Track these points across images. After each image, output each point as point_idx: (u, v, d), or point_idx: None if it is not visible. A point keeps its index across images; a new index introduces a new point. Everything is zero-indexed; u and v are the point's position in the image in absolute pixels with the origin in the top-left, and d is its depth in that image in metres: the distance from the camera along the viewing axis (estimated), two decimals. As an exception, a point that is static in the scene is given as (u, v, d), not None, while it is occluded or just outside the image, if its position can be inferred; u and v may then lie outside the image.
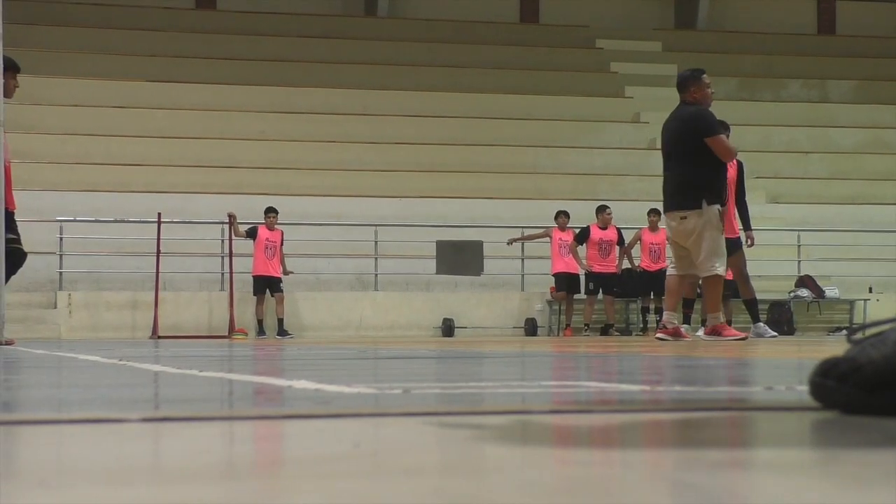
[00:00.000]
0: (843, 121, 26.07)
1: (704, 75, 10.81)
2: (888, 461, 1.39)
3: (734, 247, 12.89)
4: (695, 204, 10.29)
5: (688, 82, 10.82)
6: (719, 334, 10.52)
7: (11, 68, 10.83)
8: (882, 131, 25.77)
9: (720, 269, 10.27)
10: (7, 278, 10.77)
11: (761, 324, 13.70)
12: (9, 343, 10.65)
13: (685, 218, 10.24)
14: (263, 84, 24.50)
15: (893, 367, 1.80)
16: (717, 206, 10.31)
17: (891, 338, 1.79)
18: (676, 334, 10.48)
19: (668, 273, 10.77)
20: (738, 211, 13.21)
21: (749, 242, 13.33)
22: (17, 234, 10.81)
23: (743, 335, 10.93)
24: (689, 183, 10.35)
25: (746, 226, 13.36)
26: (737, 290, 14.37)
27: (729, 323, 18.53)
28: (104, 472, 1.36)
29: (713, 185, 10.39)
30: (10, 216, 10.76)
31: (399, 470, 1.35)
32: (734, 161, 12.89)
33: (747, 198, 13.55)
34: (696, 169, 10.36)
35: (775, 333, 14.27)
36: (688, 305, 13.83)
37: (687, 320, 13.80)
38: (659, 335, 10.67)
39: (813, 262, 21.34)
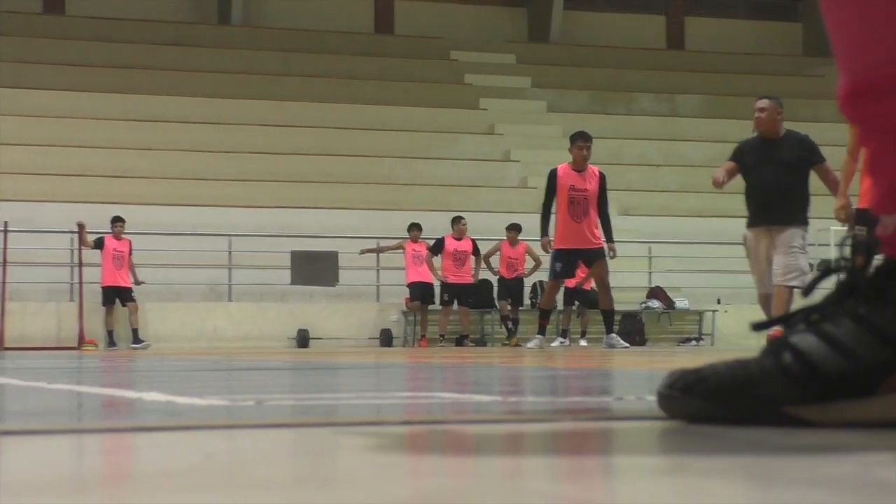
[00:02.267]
0: (693, 135, 26.60)
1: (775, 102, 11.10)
2: (730, 467, 1.42)
3: (597, 257, 13.28)
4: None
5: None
6: None
7: None
8: (730, 145, 26.24)
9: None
10: None
11: (614, 335, 13.92)
12: None
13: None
14: (114, 91, 24.13)
15: (735, 379, 1.87)
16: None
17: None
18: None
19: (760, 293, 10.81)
20: (602, 222, 13.57)
21: (611, 254, 13.66)
22: None
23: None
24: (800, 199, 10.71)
25: (609, 237, 13.70)
26: (595, 300, 14.66)
27: (583, 334, 18.94)
28: (-55, 488, 1.32)
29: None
30: None
31: (251, 483, 1.34)
32: (596, 173, 13.37)
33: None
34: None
35: (627, 345, 14.55)
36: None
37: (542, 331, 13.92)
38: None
39: (663, 273, 21.73)
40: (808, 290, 1.93)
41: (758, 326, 1.96)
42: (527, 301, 20.05)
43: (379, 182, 23.10)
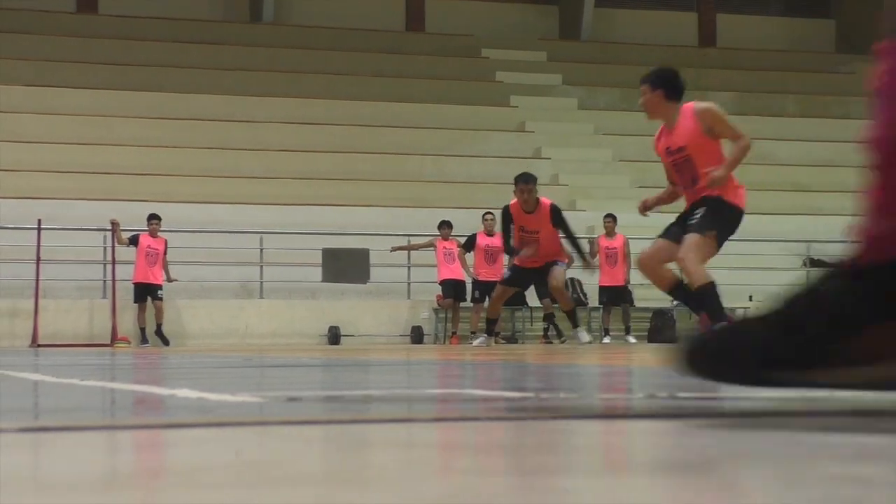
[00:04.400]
0: (724, 132, 26.48)
1: None
2: (763, 465, 1.41)
3: (552, 265, 13.63)
4: None
5: None
6: None
7: None
8: (761, 143, 26.20)
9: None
10: None
11: (580, 328, 14.45)
12: None
13: None
14: (146, 89, 24.23)
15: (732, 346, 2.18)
16: None
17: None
18: None
19: None
20: (570, 243, 14.04)
21: (566, 263, 14.34)
22: None
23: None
24: None
25: (579, 254, 14.40)
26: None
27: (628, 330, 19.01)
28: (-20, 483, 1.33)
29: None
30: None
31: (282, 479, 1.34)
32: (546, 209, 13.53)
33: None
34: None
35: (590, 339, 14.87)
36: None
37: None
38: None
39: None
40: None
41: None
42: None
43: (409, 179, 23.11)
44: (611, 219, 19.63)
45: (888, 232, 2.06)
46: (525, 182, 13.35)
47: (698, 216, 9.32)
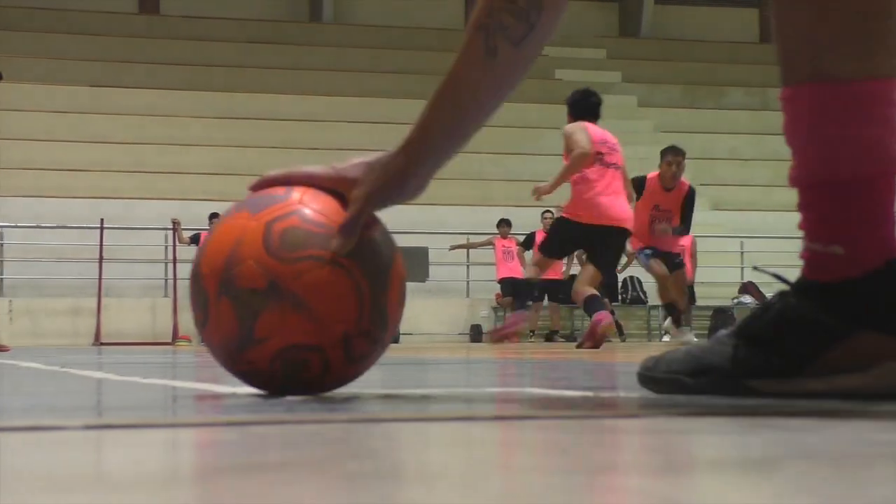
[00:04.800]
0: (785, 128, 26.31)
1: None
2: (825, 464, 1.40)
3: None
4: None
5: None
6: None
7: None
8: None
9: None
10: None
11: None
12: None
13: None
14: (207, 89, 24.41)
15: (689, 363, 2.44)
16: None
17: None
18: None
19: None
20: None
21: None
22: None
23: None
24: None
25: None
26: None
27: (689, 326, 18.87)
28: (45, 479, 1.34)
29: None
30: None
31: (342, 476, 1.35)
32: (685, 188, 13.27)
33: None
34: None
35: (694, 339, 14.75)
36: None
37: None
38: None
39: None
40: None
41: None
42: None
43: (470, 178, 23.12)
44: None
45: (828, 258, 2.38)
46: (675, 154, 12.64)
47: None
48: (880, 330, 2.31)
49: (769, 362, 2.33)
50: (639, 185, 12.47)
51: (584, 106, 11.23)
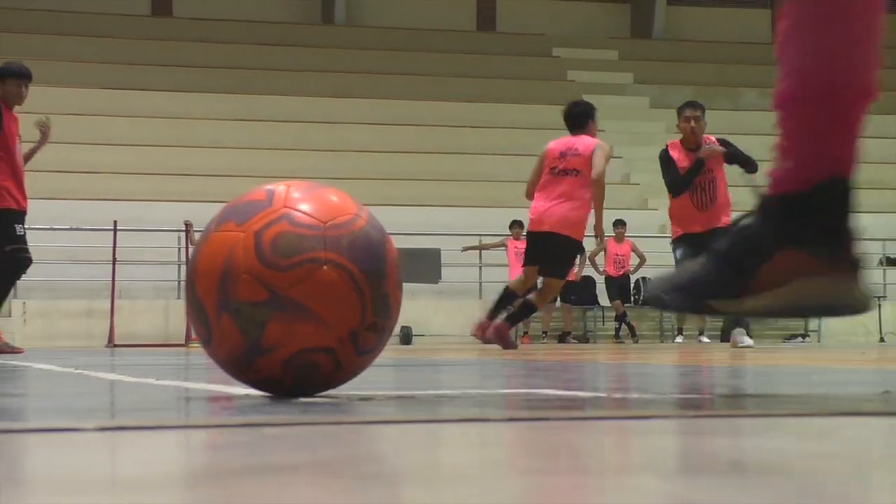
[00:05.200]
0: (798, 129, 26.24)
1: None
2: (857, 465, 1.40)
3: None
4: None
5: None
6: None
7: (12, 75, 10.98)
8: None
9: None
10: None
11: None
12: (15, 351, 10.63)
13: None
14: (220, 91, 24.43)
15: (681, 278, 2.51)
16: None
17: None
18: None
19: None
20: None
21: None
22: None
23: None
24: None
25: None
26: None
27: (701, 332, 18.82)
28: (60, 481, 1.35)
29: None
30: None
31: (357, 478, 1.35)
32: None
33: None
34: None
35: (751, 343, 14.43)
36: None
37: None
38: None
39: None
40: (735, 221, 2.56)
41: None
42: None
43: (482, 179, 23.11)
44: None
45: (785, 172, 2.44)
46: (693, 108, 11.34)
47: None
48: (800, 246, 2.36)
49: (725, 281, 2.40)
50: (664, 161, 11.29)
51: (568, 120, 12.03)
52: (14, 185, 10.44)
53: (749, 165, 10.94)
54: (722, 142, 11.20)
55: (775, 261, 2.38)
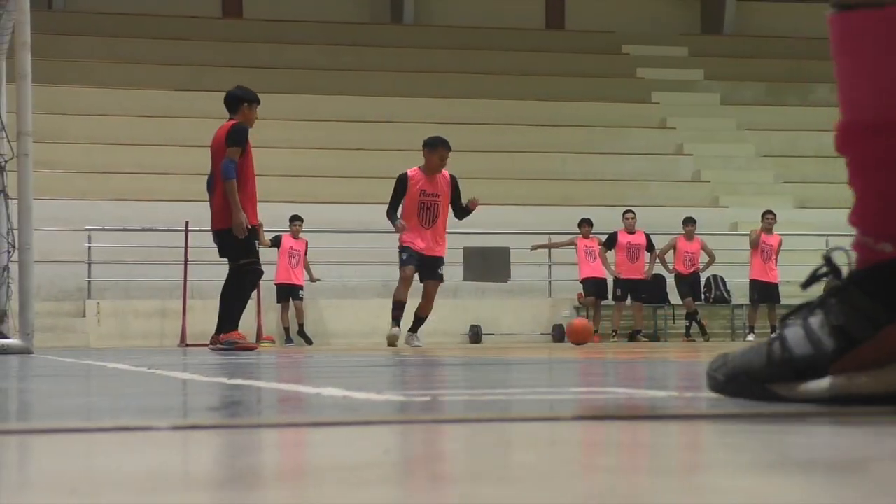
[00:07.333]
0: (871, 125, 25.96)
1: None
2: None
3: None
4: None
5: None
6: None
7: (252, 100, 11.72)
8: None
9: None
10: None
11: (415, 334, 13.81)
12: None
13: None
14: (290, 92, 24.56)
15: (742, 362, 2.34)
16: None
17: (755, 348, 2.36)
18: None
19: None
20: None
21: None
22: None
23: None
24: None
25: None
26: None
27: (752, 329, 18.71)
28: (133, 480, 1.36)
29: None
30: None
31: (428, 478, 1.35)
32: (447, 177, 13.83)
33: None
34: None
35: (420, 344, 13.85)
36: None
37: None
38: None
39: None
40: (805, 286, 2.35)
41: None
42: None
43: (552, 178, 23.07)
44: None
45: (866, 249, 2.26)
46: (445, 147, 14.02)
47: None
48: None
49: (793, 363, 2.20)
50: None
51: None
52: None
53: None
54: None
55: (880, 336, 2.12)
